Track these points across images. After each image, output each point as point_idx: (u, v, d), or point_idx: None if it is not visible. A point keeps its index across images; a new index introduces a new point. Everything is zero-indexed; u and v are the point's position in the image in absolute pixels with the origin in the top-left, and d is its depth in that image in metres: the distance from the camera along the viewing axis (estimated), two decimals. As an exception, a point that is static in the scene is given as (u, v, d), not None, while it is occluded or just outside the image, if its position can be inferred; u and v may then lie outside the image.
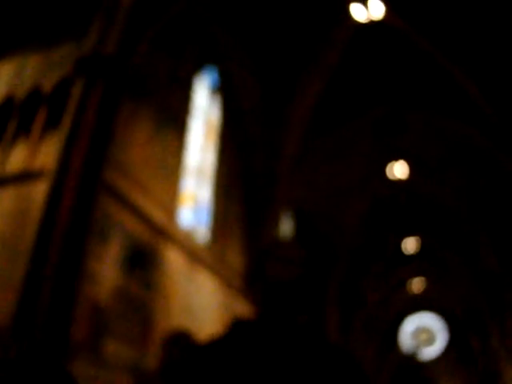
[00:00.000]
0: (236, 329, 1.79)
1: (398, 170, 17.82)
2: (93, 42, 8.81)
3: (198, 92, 12.59)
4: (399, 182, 18.27)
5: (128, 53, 8.99)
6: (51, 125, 8.84)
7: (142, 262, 9.20)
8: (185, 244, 10.78)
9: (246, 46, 13.24)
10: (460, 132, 14.92)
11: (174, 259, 10.28)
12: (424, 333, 31.52)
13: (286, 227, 17.80)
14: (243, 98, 13.96)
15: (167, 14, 10.08)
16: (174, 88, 11.17)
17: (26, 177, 8.47)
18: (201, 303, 11.08)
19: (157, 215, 9.82)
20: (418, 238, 22.87)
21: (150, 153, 9.96)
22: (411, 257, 24.04)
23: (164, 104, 10.64)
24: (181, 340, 3.47)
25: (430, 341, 31.27)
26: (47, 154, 8.44)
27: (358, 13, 11.51)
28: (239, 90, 13.89)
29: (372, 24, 11.88)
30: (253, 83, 13.79)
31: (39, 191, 7.89)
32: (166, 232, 10.05)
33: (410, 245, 23.24)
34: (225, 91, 13.77)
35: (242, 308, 12.85)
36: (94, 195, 7.81)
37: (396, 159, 17.60)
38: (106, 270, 8.20)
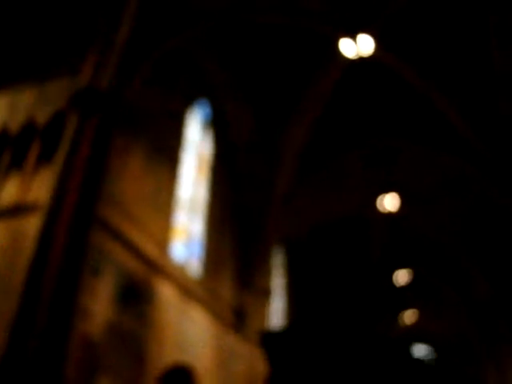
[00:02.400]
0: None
1: (389, 202, 17.88)
2: (87, 77, 8.90)
3: (190, 126, 12.67)
4: (390, 214, 18.34)
5: (122, 87, 9.07)
6: (45, 158, 8.86)
7: (135, 296, 9.11)
8: (177, 278, 10.70)
9: (238, 80, 13.41)
10: (450, 165, 15.06)
11: (166, 293, 10.19)
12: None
13: (277, 260, 17.74)
14: (235, 131, 14.07)
15: (160, 50, 10.23)
16: (167, 122, 11.25)
17: (18, 210, 8.42)
18: (193, 337, 10.94)
19: (149, 249, 9.76)
20: (409, 270, 22.83)
21: (142, 186, 9.96)
22: (403, 289, 23.97)
23: (156, 138, 10.69)
24: (179, 375, 3.44)
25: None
26: (40, 187, 8.43)
27: (347, 49, 11.69)
28: (231, 123, 14.01)
29: (363, 60, 12.08)
30: (245, 117, 13.92)
31: (32, 225, 7.84)
32: (158, 266, 9.98)
33: (401, 277, 23.18)
34: (217, 125, 13.87)
35: (234, 342, 12.70)
36: (87, 230, 7.76)
37: (386, 192, 17.67)
38: (99, 305, 8.10)
